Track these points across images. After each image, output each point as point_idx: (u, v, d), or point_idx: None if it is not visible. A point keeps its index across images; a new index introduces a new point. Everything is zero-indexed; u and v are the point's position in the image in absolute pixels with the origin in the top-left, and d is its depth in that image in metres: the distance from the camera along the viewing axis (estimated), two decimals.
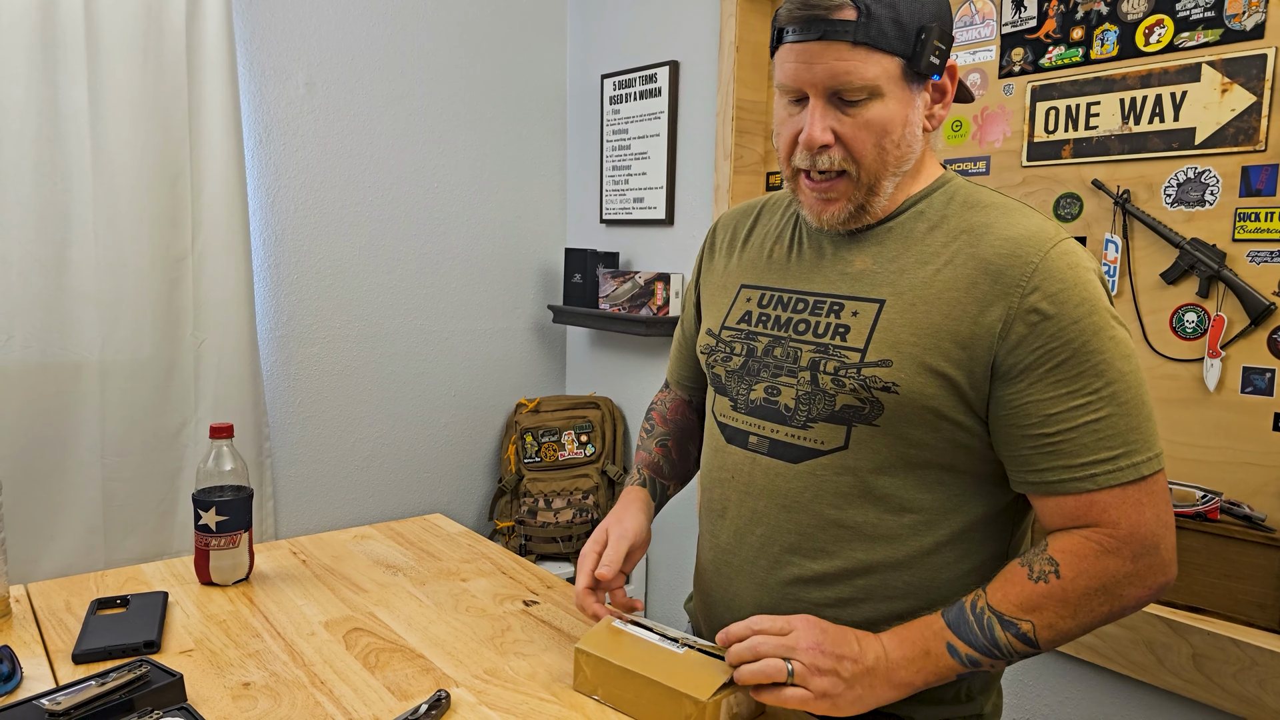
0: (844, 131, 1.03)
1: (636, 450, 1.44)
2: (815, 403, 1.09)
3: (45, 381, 2.16)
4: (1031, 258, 1.00)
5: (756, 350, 1.16)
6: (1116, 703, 1.75)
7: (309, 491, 2.66)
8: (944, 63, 1.05)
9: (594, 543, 1.22)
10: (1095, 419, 0.98)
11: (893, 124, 1.03)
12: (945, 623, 1.01)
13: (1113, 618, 1.00)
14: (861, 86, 1.01)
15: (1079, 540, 0.99)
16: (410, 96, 2.73)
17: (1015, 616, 0.99)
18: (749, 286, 1.23)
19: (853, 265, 1.12)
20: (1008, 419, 1.02)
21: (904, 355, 1.03)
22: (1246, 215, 1.57)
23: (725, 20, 2.43)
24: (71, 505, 2.22)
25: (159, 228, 2.25)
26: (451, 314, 2.90)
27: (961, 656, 1.00)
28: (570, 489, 2.82)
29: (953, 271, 1.04)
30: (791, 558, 1.12)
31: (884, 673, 1.00)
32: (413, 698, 1.08)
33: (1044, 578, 0.99)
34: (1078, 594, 0.98)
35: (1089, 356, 0.98)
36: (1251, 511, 1.57)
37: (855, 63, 1.00)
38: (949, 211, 1.09)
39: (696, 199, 2.62)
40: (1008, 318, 0.99)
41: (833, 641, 1.01)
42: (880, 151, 1.04)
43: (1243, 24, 1.56)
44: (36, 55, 2.07)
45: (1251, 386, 1.58)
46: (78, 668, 1.13)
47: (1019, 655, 1.00)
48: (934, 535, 1.08)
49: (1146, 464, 0.98)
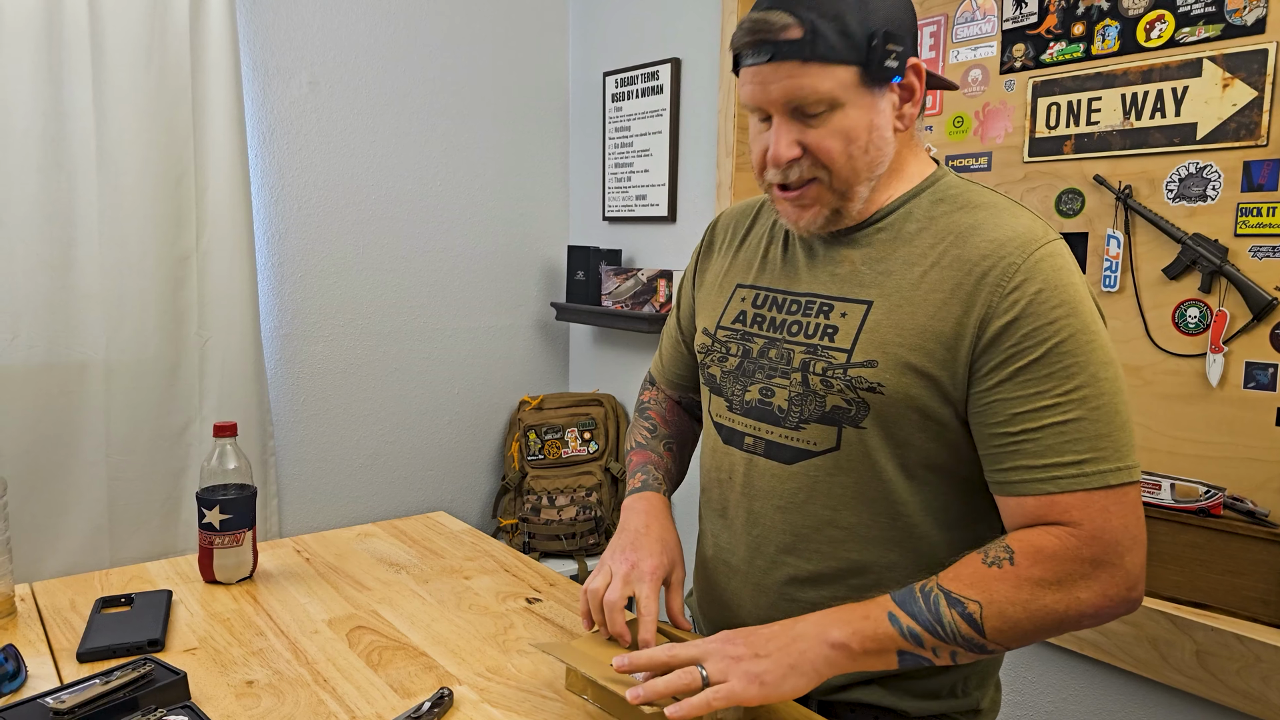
0: (809, 142, 1.04)
1: (638, 449, 1.40)
2: (807, 404, 1.09)
3: (50, 381, 2.17)
4: (1015, 258, 0.99)
5: (752, 351, 1.16)
6: (1120, 699, 1.75)
7: (313, 489, 2.67)
8: (904, 63, 1.04)
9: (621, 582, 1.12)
10: (1062, 421, 0.96)
11: (856, 131, 1.03)
12: (891, 597, 0.98)
13: (1067, 622, 0.96)
14: (818, 100, 1.01)
15: (1039, 532, 0.97)
16: (413, 95, 2.74)
17: (963, 595, 0.95)
18: (744, 286, 1.23)
19: (842, 266, 1.12)
20: (979, 416, 1.01)
21: (889, 356, 1.03)
22: (1248, 210, 1.57)
23: (727, 17, 2.43)
24: (76, 504, 2.23)
25: (163, 227, 2.26)
26: (454, 312, 2.90)
27: (902, 626, 0.95)
28: (574, 486, 2.82)
29: (939, 273, 1.04)
30: (787, 558, 1.13)
31: (815, 634, 0.96)
32: (416, 695, 1.09)
33: (997, 563, 0.96)
34: (1030, 583, 0.94)
35: (1062, 358, 0.97)
36: (1255, 507, 1.56)
37: (808, 79, 1.00)
38: (938, 212, 1.08)
39: (699, 196, 2.62)
40: (986, 316, 0.99)
41: (747, 633, 0.98)
42: (849, 159, 1.04)
43: (1244, 19, 1.56)
44: (41, 55, 2.08)
45: (1254, 382, 1.58)
46: (82, 666, 1.14)
47: (965, 641, 0.95)
48: (928, 535, 1.08)
49: (1115, 474, 0.96)
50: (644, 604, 1.10)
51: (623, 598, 1.11)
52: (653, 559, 1.15)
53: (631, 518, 1.23)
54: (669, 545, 1.19)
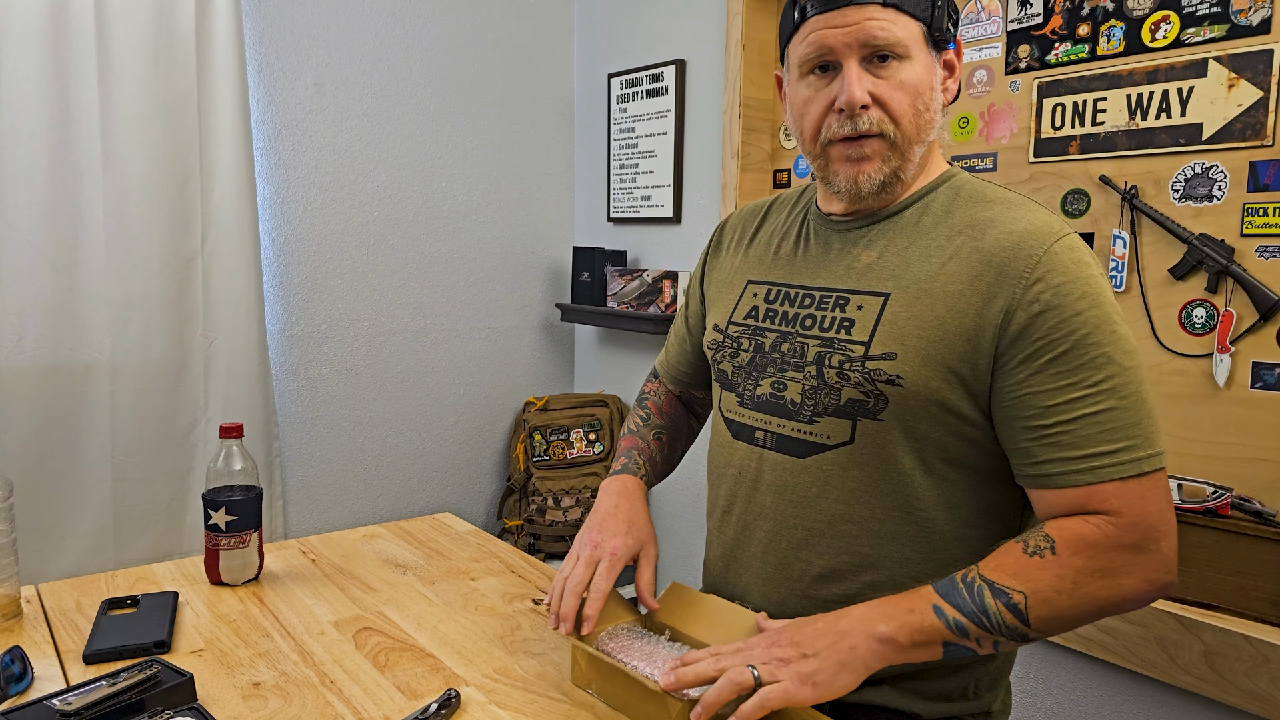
0: (880, 93, 1.04)
1: (628, 435, 1.41)
2: (821, 397, 1.09)
3: (56, 382, 2.17)
4: (1035, 250, 1.00)
5: (764, 346, 1.16)
6: (1128, 700, 1.74)
7: (318, 491, 2.67)
8: (954, 35, 1.09)
9: (584, 565, 1.14)
10: (1095, 411, 0.97)
11: (922, 87, 1.06)
12: (934, 589, 0.98)
13: (1110, 608, 0.97)
14: (895, 42, 1.03)
15: (1078, 521, 0.97)
16: (418, 96, 2.74)
17: (1007, 585, 0.95)
18: (755, 282, 1.23)
19: (859, 259, 1.12)
20: (1008, 410, 1.01)
21: (908, 348, 1.03)
22: (1254, 210, 1.57)
23: (731, 19, 2.43)
24: (82, 505, 2.23)
25: (169, 228, 2.26)
26: (460, 313, 2.90)
27: (948, 619, 0.95)
28: (579, 487, 2.82)
29: (957, 265, 1.04)
30: (800, 553, 1.12)
31: (862, 629, 0.95)
32: (423, 697, 1.09)
33: (1039, 552, 0.96)
34: (1074, 571, 0.95)
35: (1089, 349, 0.97)
36: (1262, 507, 1.56)
37: (887, 21, 1.03)
38: (954, 206, 1.09)
39: (704, 197, 2.62)
40: (1009, 309, 0.99)
41: (791, 631, 0.98)
42: (915, 114, 1.06)
43: (1249, 19, 1.56)
44: (48, 57, 2.08)
45: (1261, 382, 1.58)
46: (88, 668, 1.14)
47: (1009, 632, 0.95)
48: (942, 530, 1.07)
49: (1148, 460, 0.96)
50: (595, 581, 1.12)
51: (582, 581, 1.12)
52: (616, 539, 1.17)
53: (603, 499, 1.25)
54: (635, 525, 1.20)
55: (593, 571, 1.13)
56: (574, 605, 1.11)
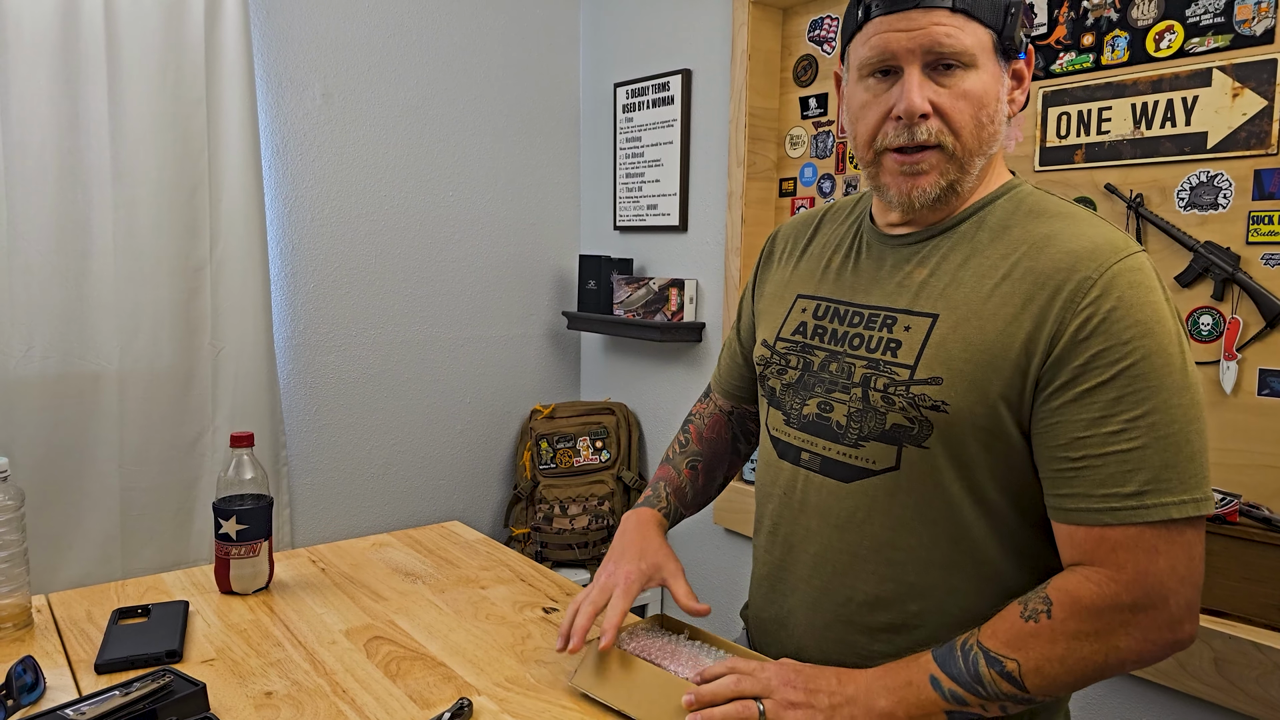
0: (941, 103, 1.00)
1: (663, 463, 1.41)
2: (866, 420, 1.05)
3: (64, 391, 2.18)
4: (1091, 273, 0.95)
5: (813, 365, 1.13)
6: (1138, 708, 1.74)
7: (326, 499, 2.67)
8: (1024, 45, 1.04)
9: (600, 590, 1.17)
10: (1126, 449, 0.92)
11: (986, 98, 1.00)
12: (932, 656, 0.98)
13: (1109, 669, 0.94)
14: (961, 51, 0.98)
15: (1078, 580, 0.94)
16: (425, 106, 2.75)
17: (1001, 654, 0.94)
18: (805, 297, 1.19)
19: (912, 277, 1.07)
20: (1041, 436, 0.97)
21: (955, 372, 0.99)
22: (1260, 218, 1.57)
23: (737, 29, 2.44)
24: (89, 514, 2.24)
25: (178, 237, 2.27)
26: (466, 321, 2.91)
27: (944, 690, 0.95)
28: (586, 495, 2.83)
29: (1010, 286, 0.99)
30: (844, 579, 1.09)
31: (864, 700, 0.98)
32: (435, 706, 1.09)
33: (1035, 616, 0.94)
34: (1066, 636, 0.93)
35: (1133, 381, 0.92)
36: (1271, 514, 1.56)
37: (955, 27, 0.98)
38: (1013, 221, 1.04)
39: (710, 205, 2.62)
40: (1057, 333, 0.95)
41: (807, 677, 1.00)
42: (977, 125, 1.01)
43: (1253, 29, 1.56)
44: (58, 67, 2.09)
45: (1268, 389, 1.58)
46: (100, 678, 1.14)
47: (1007, 698, 0.95)
48: (993, 560, 1.03)
49: (1178, 507, 0.91)
50: (613, 603, 1.14)
51: (597, 604, 1.15)
52: (628, 565, 1.19)
53: (620, 533, 1.28)
54: (648, 551, 1.22)
55: (606, 595, 1.15)
56: (585, 624, 1.12)
